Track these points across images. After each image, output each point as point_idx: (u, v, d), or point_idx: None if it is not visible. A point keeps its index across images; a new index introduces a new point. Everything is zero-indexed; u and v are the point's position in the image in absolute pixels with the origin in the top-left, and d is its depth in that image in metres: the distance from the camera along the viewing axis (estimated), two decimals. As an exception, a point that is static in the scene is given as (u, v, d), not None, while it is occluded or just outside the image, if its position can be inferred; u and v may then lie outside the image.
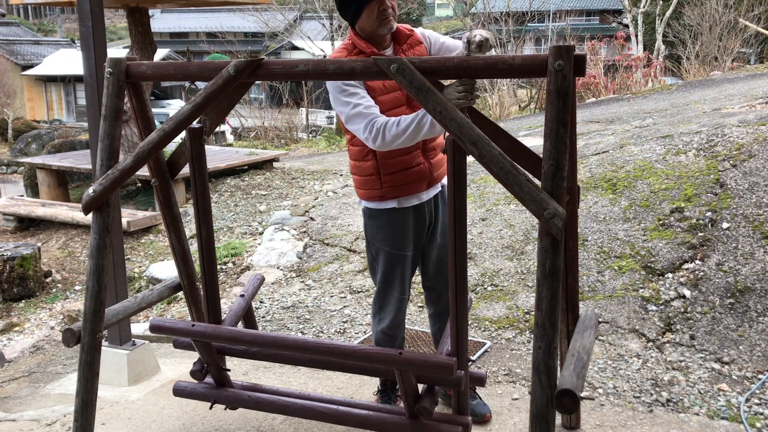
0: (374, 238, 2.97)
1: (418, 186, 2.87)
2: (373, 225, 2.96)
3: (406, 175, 2.84)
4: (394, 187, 2.85)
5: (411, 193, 2.87)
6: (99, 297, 2.66)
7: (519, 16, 21.96)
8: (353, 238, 5.83)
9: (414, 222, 2.92)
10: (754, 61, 19.20)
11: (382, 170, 2.84)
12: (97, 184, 2.63)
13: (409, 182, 2.85)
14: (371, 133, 2.62)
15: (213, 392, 2.92)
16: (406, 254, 2.94)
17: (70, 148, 11.40)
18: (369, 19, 2.69)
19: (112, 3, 8.20)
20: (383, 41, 2.79)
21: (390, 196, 2.87)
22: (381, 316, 3.05)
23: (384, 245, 2.93)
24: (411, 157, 2.82)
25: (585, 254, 4.64)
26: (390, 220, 2.90)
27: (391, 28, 2.73)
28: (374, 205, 2.92)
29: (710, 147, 5.37)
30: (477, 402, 3.14)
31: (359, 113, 2.66)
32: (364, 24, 2.72)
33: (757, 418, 3.10)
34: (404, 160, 2.81)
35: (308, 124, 19.93)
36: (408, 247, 2.93)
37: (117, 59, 2.64)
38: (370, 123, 2.63)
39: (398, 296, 2.99)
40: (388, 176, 2.84)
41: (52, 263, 7.02)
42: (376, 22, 2.69)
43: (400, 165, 2.82)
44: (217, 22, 33.72)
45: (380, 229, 2.93)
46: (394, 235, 2.90)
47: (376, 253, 2.98)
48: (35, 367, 4.20)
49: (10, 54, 29.82)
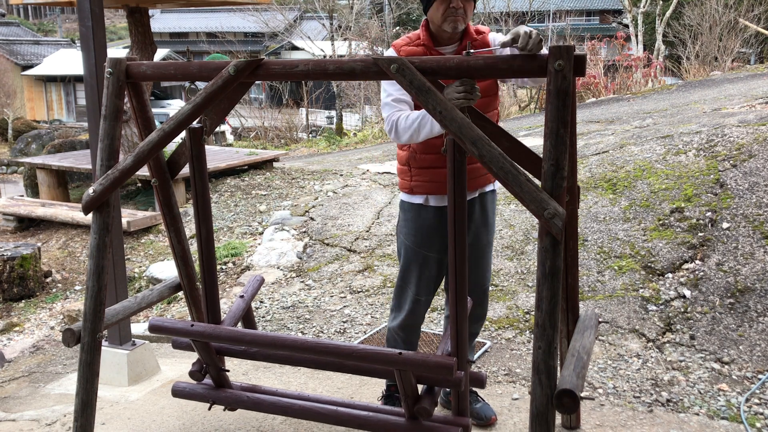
0: (401, 231, 2.98)
1: (446, 188, 2.84)
2: (401, 217, 2.98)
3: (435, 173, 2.82)
4: (423, 182, 2.85)
5: (439, 193, 2.85)
6: (99, 297, 2.66)
7: (519, 16, 21.99)
8: (353, 238, 5.83)
9: (439, 223, 2.88)
10: (754, 61, 19.20)
11: (412, 163, 2.86)
12: (97, 184, 2.63)
13: (437, 181, 2.83)
14: (388, 125, 2.71)
15: (212, 393, 2.91)
16: (428, 254, 2.90)
17: (70, 148, 11.39)
18: (437, 12, 2.69)
19: (112, 3, 8.19)
20: (449, 38, 2.77)
21: (418, 191, 2.87)
22: (395, 314, 3.03)
23: (407, 240, 2.93)
24: (441, 157, 2.76)
25: (585, 254, 4.64)
26: (416, 215, 2.90)
27: (455, 27, 2.69)
28: (406, 197, 2.94)
29: (710, 147, 5.37)
30: (481, 405, 3.12)
31: (387, 103, 2.74)
32: (433, 15, 2.72)
33: (757, 418, 3.10)
34: (434, 158, 2.80)
35: (308, 124, 19.94)
36: (431, 248, 2.90)
37: (117, 59, 2.64)
38: (390, 116, 2.70)
39: (413, 296, 2.95)
40: (417, 170, 2.85)
41: (52, 263, 7.02)
42: (441, 18, 2.68)
43: (429, 162, 2.82)
44: (217, 22, 33.71)
45: (407, 223, 2.94)
46: (417, 232, 2.90)
47: (400, 247, 2.99)
48: (35, 367, 4.20)
49: (10, 54, 29.81)
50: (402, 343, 3.02)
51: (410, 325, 3.01)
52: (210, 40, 29.77)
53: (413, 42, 2.80)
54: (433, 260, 2.91)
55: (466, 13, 2.70)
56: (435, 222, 2.88)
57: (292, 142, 17.63)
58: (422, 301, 2.97)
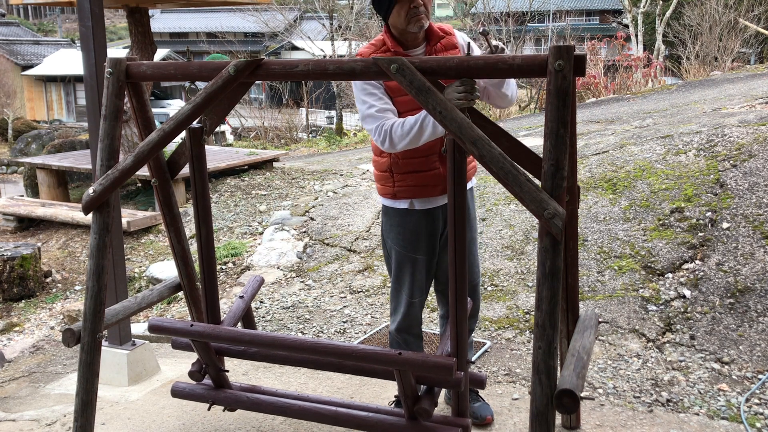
0: (387, 236, 2.97)
1: (432, 190, 2.83)
2: (386, 222, 2.97)
3: (419, 177, 2.81)
4: (407, 187, 2.83)
5: (424, 196, 2.84)
6: (99, 297, 2.66)
7: (519, 16, 21.98)
8: (353, 238, 5.83)
9: (426, 226, 2.88)
10: (754, 61, 19.19)
11: (395, 169, 2.83)
12: (97, 184, 2.63)
13: (421, 185, 2.82)
14: (380, 136, 2.65)
15: (211, 393, 2.91)
16: (416, 257, 2.90)
17: (70, 148, 11.40)
18: (399, 15, 2.67)
19: (112, 3, 8.20)
20: (414, 40, 2.76)
21: (402, 196, 2.85)
22: (394, 317, 3.03)
23: (395, 245, 2.92)
24: (425, 161, 2.78)
25: (585, 254, 4.64)
26: (401, 220, 2.89)
27: (421, 26, 2.69)
28: (388, 202, 2.92)
29: (710, 147, 5.37)
30: (479, 404, 3.12)
31: (371, 115, 2.68)
32: (395, 20, 2.70)
33: (757, 418, 3.10)
34: (417, 162, 2.79)
35: (308, 124, 19.95)
36: (419, 250, 2.89)
37: (117, 59, 2.63)
38: (380, 126, 2.64)
39: (407, 299, 2.95)
40: (400, 175, 2.83)
41: (52, 263, 7.02)
42: (405, 20, 2.67)
43: (413, 166, 2.80)
44: (217, 22, 33.73)
45: (392, 228, 2.93)
46: (404, 236, 2.89)
47: (389, 252, 2.98)
48: (35, 367, 4.20)
49: (10, 54, 29.82)
50: (404, 345, 3.02)
51: (408, 327, 3.01)
52: (210, 40, 29.78)
53: (380, 49, 2.77)
54: (422, 263, 2.92)
55: (427, 9, 2.69)
56: (422, 225, 2.88)
57: (292, 142, 17.64)
58: (416, 303, 2.98)
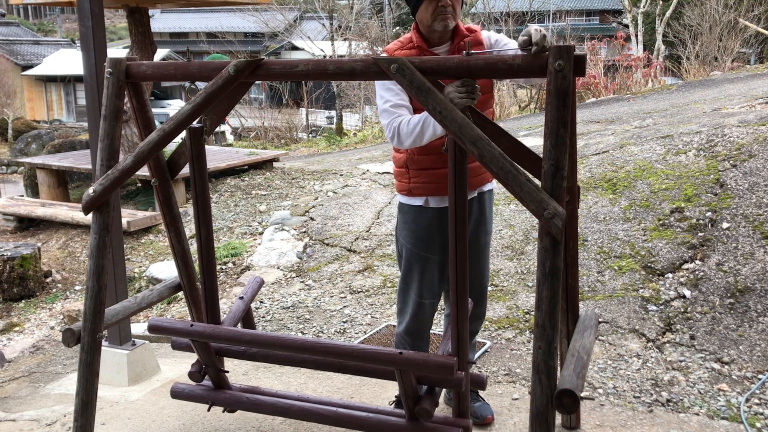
0: (400, 234, 2.97)
1: (446, 189, 2.81)
2: (400, 219, 2.97)
3: (433, 174, 2.81)
4: (422, 184, 2.84)
5: (439, 194, 2.83)
6: (99, 297, 2.66)
7: (519, 16, 21.99)
8: (353, 238, 5.83)
9: (440, 225, 2.87)
10: (754, 61, 19.19)
11: (410, 165, 2.85)
12: (97, 184, 2.63)
13: (435, 182, 2.81)
14: (390, 132, 2.68)
15: (211, 394, 2.91)
16: (428, 256, 2.89)
17: (70, 148, 11.39)
18: (426, 12, 2.69)
19: (112, 3, 8.19)
20: (440, 37, 2.77)
21: (417, 193, 2.86)
22: (400, 318, 3.01)
23: (407, 242, 2.92)
24: (440, 158, 2.76)
25: (585, 254, 4.64)
26: (416, 217, 2.89)
27: (446, 25, 2.70)
28: (404, 199, 2.93)
29: (710, 147, 5.37)
30: (480, 404, 3.12)
31: (386, 110, 2.71)
32: (422, 16, 2.72)
33: (757, 418, 3.10)
34: (432, 159, 2.79)
35: (308, 124, 19.94)
36: (432, 249, 2.88)
37: (117, 59, 2.63)
38: (391, 122, 2.68)
39: (416, 299, 2.93)
40: (416, 171, 2.84)
41: (52, 263, 7.02)
42: (432, 17, 2.68)
43: (427, 163, 2.81)
44: (217, 22, 33.70)
45: (406, 225, 2.93)
46: (417, 234, 2.88)
47: (400, 250, 2.98)
48: (35, 367, 4.20)
49: (10, 54, 29.81)
50: (409, 348, 2.98)
51: (415, 329, 2.98)
52: (210, 40, 29.76)
53: (406, 45, 2.79)
54: (434, 262, 2.90)
55: (455, 10, 2.70)
56: (435, 223, 2.87)
57: (292, 142, 17.64)
58: (426, 304, 2.94)
